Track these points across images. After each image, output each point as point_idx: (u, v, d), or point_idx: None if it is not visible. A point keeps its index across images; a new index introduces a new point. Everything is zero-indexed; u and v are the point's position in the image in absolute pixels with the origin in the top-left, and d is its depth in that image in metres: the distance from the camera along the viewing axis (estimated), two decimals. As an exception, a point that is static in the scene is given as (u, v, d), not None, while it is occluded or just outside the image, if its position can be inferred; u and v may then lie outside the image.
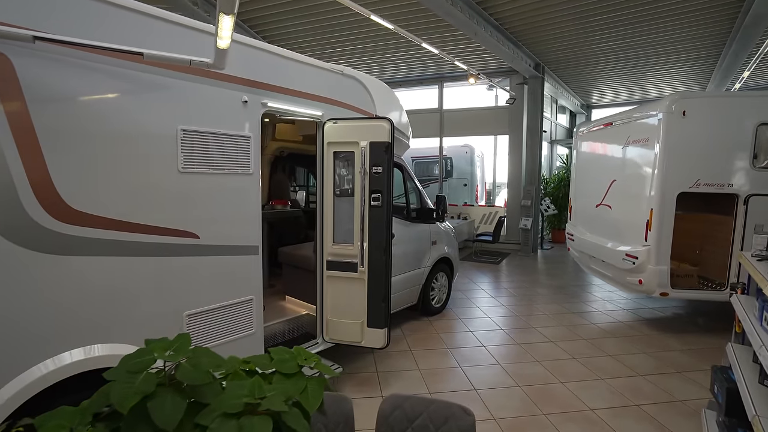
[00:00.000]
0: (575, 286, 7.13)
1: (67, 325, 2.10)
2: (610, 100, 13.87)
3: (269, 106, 2.96)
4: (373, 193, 3.37)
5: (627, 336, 4.94)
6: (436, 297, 5.56)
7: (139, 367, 0.94)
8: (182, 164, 2.47)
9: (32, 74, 1.92)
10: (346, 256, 3.50)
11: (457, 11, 6.05)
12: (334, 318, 3.58)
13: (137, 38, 2.22)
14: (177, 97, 2.42)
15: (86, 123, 2.11)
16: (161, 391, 0.92)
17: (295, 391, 1.05)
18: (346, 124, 3.42)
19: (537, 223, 10.19)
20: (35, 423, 0.87)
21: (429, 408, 1.53)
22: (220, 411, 0.92)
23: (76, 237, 2.10)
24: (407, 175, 5.01)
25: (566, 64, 9.89)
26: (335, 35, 8.17)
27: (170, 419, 0.88)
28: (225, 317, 2.80)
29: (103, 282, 2.21)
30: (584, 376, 3.88)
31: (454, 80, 10.82)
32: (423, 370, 3.99)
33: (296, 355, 1.17)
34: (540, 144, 9.97)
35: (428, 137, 11.63)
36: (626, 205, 5.30)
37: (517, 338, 4.83)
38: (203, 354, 1.04)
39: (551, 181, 11.73)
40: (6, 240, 1.90)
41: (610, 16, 6.93)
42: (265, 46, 2.98)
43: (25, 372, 1.95)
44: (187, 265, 2.54)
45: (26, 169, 1.93)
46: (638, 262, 4.82)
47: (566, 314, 5.68)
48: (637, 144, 5.11)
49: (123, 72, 2.18)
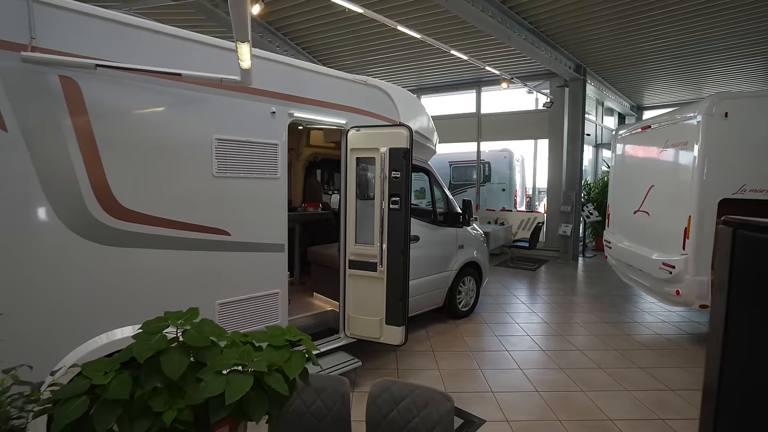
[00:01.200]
0: (614, 296, 6.86)
1: (118, 307, 2.45)
2: (663, 100, 13.09)
3: (295, 116, 3.23)
4: (393, 197, 3.55)
5: (663, 349, 4.73)
6: (463, 300, 5.61)
7: (156, 329, 1.19)
8: (216, 169, 2.79)
9: (94, 94, 2.30)
10: (367, 256, 3.69)
11: (488, 17, 6.11)
12: (355, 314, 3.79)
13: (179, 59, 2.57)
14: (212, 110, 2.75)
15: (136, 134, 2.47)
16: (171, 350, 1.15)
17: (280, 359, 1.25)
18: (367, 132, 3.63)
19: (578, 230, 9.86)
20: (81, 367, 1.13)
21: (413, 392, 1.67)
22: (214, 369, 1.14)
23: (127, 232, 2.46)
24: (434, 180, 5.13)
25: (611, 65, 9.53)
26: (371, 44, 8.46)
27: (176, 371, 1.10)
28: (252, 308, 3.09)
29: (148, 270, 2.56)
30: (608, 386, 3.80)
31: (491, 84, 10.77)
32: (442, 370, 4.08)
33: (286, 332, 1.37)
34: (581, 148, 9.67)
35: (466, 142, 11.64)
36: (664, 212, 5.09)
37: (543, 345, 4.79)
38: (207, 324, 1.27)
39: (595, 186, 11.29)
40: (73, 233, 2.29)
41: (657, 13, 6.65)
42: (291, 61, 3.26)
43: (85, 343, 2.32)
44: (219, 259, 2.86)
45: (89, 174, 2.30)
46: (675, 271, 4.61)
47: (599, 324, 5.52)
48: (676, 148, 4.90)
49: (165, 90, 2.53)
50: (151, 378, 1.11)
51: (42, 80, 2.14)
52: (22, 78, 2.08)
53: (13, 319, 2.00)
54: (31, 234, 2.16)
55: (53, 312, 2.23)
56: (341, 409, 1.80)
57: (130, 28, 2.43)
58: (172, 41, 2.59)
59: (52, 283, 2.22)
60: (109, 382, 1.07)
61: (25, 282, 2.14)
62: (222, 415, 1.07)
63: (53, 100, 2.18)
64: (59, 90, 2.19)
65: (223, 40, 2.80)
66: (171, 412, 1.07)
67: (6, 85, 2.02)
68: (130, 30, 2.43)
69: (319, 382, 1.84)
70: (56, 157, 2.20)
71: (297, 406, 1.81)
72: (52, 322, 2.23)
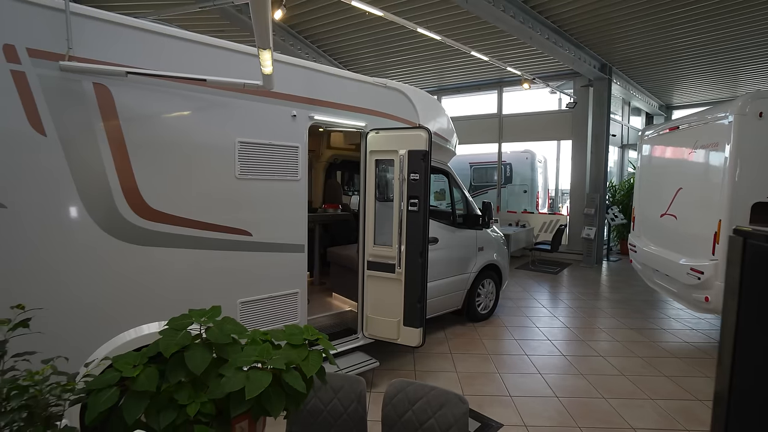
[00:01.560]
0: (639, 301, 6.67)
1: (145, 303, 2.56)
2: (695, 99, 12.60)
3: (316, 119, 3.29)
4: (411, 199, 3.56)
5: (691, 358, 4.57)
6: (482, 303, 5.57)
7: (181, 326, 1.24)
8: (239, 171, 2.87)
9: (125, 100, 2.41)
10: (385, 257, 3.72)
11: (509, 17, 6.05)
12: (373, 315, 3.82)
13: (203, 65, 2.66)
14: (235, 114, 2.83)
15: (162, 137, 2.57)
16: (195, 346, 1.21)
17: (298, 358, 1.29)
18: (386, 134, 3.66)
19: (602, 233, 9.62)
20: (112, 360, 1.20)
21: (429, 394, 1.69)
22: (235, 365, 1.18)
23: (153, 231, 2.57)
24: (453, 182, 5.12)
25: (638, 63, 9.27)
26: (392, 46, 8.50)
27: (199, 366, 1.16)
28: (273, 307, 3.16)
29: (174, 269, 2.65)
30: (631, 394, 3.70)
31: (513, 85, 10.64)
32: (460, 373, 4.07)
33: (304, 331, 1.41)
34: (606, 149, 9.42)
35: (487, 143, 11.53)
36: (693, 215, 4.92)
37: (563, 350, 4.70)
38: (228, 322, 1.32)
39: (621, 188, 10.99)
40: (104, 232, 2.40)
41: (690, 9, 6.44)
42: (312, 65, 3.32)
43: (115, 337, 2.43)
44: (241, 258, 2.94)
45: (119, 176, 2.41)
46: (704, 277, 4.45)
47: (623, 329, 5.38)
48: (706, 149, 4.73)
49: (191, 94, 2.63)
50: (176, 372, 1.17)
51: (77, 87, 2.26)
52: (59, 86, 2.20)
53: (50, 313, 2.12)
54: (66, 232, 2.28)
55: (86, 307, 2.35)
56: (358, 408, 1.83)
57: (158, 36, 2.54)
58: (196, 47, 2.68)
59: (84, 279, 2.34)
60: (137, 374, 1.13)
61: (60, 277, 2.26)
62: (242, 410, 1.12)
63: (87, 106, 2.30)
64: (93, 96, 2.31)
65: (245, 46, 2.88)
66: (194, 405, 1.12)
67: (45, 92, 2.15)
68: (158, 38, 2.54)
69: (337, 382, 1.87)
70: (89, 159, 2.32)
71: (314, 404, 1.85)
72: (85, 317, 2.34)
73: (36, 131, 2.14)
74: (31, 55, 2.10)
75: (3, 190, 2.07)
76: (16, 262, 2.12)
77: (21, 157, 2.11)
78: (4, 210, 2.08)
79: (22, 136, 2.11)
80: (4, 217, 2.08)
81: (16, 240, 2.12)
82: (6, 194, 2.08)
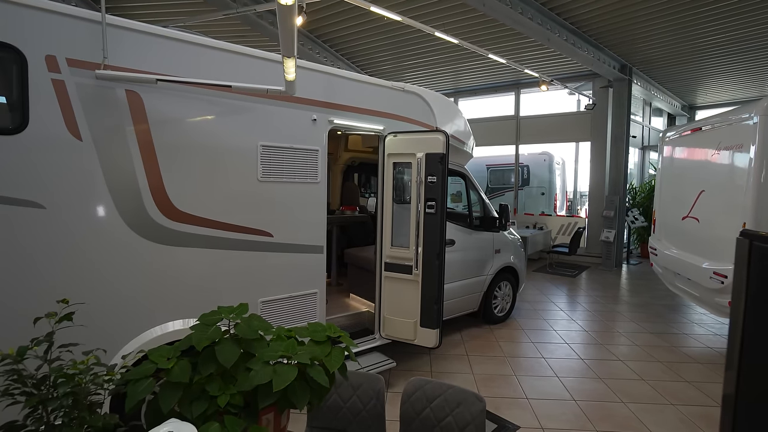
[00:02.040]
0: (660, 305, 6.53)
1: (170, 301, 2.66)
2: (719, 99, 12.25)
3: (335, 123, 3.36)
4: (428, 201, 3.60)
5: (714, 363, 4.47)
6: (498, 306, 5.55)
7: (212, 321, 1.31)
8: (261, 174, 2.96)
9: (154, 105, 2.52)
10: (403, 258, 3.76)
11: (527, 19, 6.02)
12: (390, 316, 3.86)
13: (228, 71, 2.76)
14: (258, 118, 2.93)
15: (189, 141, 2.68)
16: (224, 340, 1.27)
17: (321, 353, 1.34)
18: (404, 137, 3.71)
19: (621, 236, 9.45)
20: (148, 353, 1.28)
21: (446, 392, 1.72)
22: (262, 359, 1.25)
23: (179, 232, 2.67)
24: (470, 184, 5.12)
25: (659, 64, 9.09)
26: (409, 49, 8.55)
27: (229, 360, 1.22)
28: (293, 306, 3.23)
29: (198, 268, 2.75)
30: (651, 399, 3.65)
31: (530, 86, 10.55)
32: (477, 375, 4.07)
33: (327, 329, 1.46)
34: (626, 151, 9.26)
35: (504, 145, 11.46)
36: (716, 218, 4.81)
37: (581, 353, 4.65)
38: (255, 319, 1.38)
39: (641, 190, 10.77)
40: (133, 232, 2.51)
41: (713, 7, 6.30)
42: (331, 70, 3.40)
43: (142, 334, 2.53)
44: (262, 259, 3.02)
45: (148, 178, 2.52)
46: (728, 281, 4.35)
47: (643, 334, 5.29)
48: (730, 150, 4.63)
49: (216, 100, 2.73)
50: (208, 365, 1.24)
51: (111, 94, 2.38)
52: (94, 93, 2.32)
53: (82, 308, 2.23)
54: (98, 232, 2.39)
55: (113, 304, 2.46)
56: (376, 405, 1.88)
57: (185, 44, 2.64)
58: (221, 54, 2.78)
59: (112, 277, 2.45)
60: (171, 366, 1.21)
61: (90, 275, 2.38)
62: (269, 402, 1.18)
63: (120, 112, 2.41)
64: (125, 102, 2.42)
65: (267, 52, 2.97)
66: (224, 397, 1.18)
67: (82, 99, 2.27)
68: (185, 46, 2.64)
69: (356, 379, 1.92)
70: (121, 162, 2.43)
71: (334, 400, 1.91)
72: (111, 314, 2.45)
73: (73, 136, 2.26)
74: (70, 65, 2.22)
75: (42, 191, 2.20)
76: (52, 259, 2.24)
77: (59, 160, 2.23)
78: (43, 210, 2.20)
79: (60, 141, 2.23)
80: (43, 217, 2.21)
81: (52, 238, 2.24)
82: (45, 196, 2.21)
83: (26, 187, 2.15)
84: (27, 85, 2.13)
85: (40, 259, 2.21)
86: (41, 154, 2.18)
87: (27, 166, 2.15)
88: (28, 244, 2.17)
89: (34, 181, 2.17)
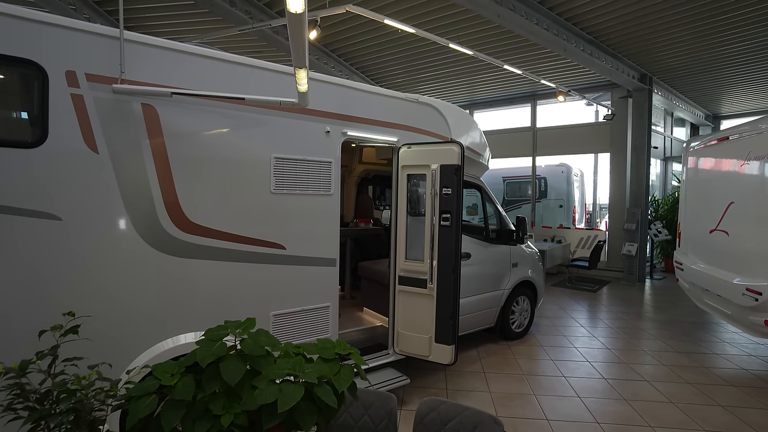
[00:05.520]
0: (687, 323, 6.24)
1: (182, 314, 2.64)
2: (746, 108, 11.84)
3: (349, 135, 3.35)
4: (443, 213, 3.53)
5: (751, 387, 4.20)
6: (516, 321, 5.39)
7: (217, 337, 1.27)
8: (273, 186, 2.95)
9: (169, 118, 2.54)
10: (417, 272, 3.68)
11: (543, 30, 5.97)
12: (404, 331, 3.77)
13: (241, 84, 2.78)
14: (271, 131, 2.93)
15: (203, 153, 2.69)
16: (230, 357, 1.23)
17: (330, 372, 1.28)
18: (418, 149, 3.67)
19: (644, 250, 9.14)
20: (152, 368, 1.24)
21: (461, 414, 1.63)
22: (268, 377, 1.19)
23: (192, 244, 2.67)
24: (486, 196, 5.04)
25: (681, 73, 8.88)
26: (423, 62, 8.57)
27: (234, 377, 1.18)
28: (305, 320, 3.18)
29: (210, 281, 2.74)
30: (681, 424, 3.44)
31: (547, 97, 10.44)
32: (494, 393, 3.93)
33: (336, 345, 1.41)
34: (647, 162, 9.01)
35: (520, 156, 11.32)
36: (747, 231, 4.58)
37: (604, 372, 4.45)
38: (262, 334, 1.34)
39: (664, 202, 10.45)
40: (147, 244, 2.52)
41: (736, 14, 6.14)
42: (345, 82, 3.40)
43: (154, 346, 2.52)
44: (274, 271, 2.99)
45: (162, 190, 2.54)
46: (762, 299, 4.12)
47: (670, 353, 5.04)
48: (761, 160, 4.43)
49: (230, 113, 2.75)
50: (212, 382, 1.19)
51: (127, 108, 2.41)
52: (111, 107, 2.36)
53: (95, 320, 2.23)
54: (114, 243, 2.41)
55: (128, 315, 2.45)
56: (388, 425, 1.80)
57: (199, 58, 2.68)
58: (235, 68, 2.81)
59: (127, 289, 2.45)
60: (175, 383, 1.17)
61: (106, 287, 2.38)
62: (274, 423, 1.12)
63: (136, 125, 2.45)
64: (141, 116, 2.46)
65: (280, 65, 2.99)
66: (228, 416, 1.14)
67: (99, 113, 2.31)
68: (199, 59, 2.68)
69: (367, 398, 1.85)
70: (136, 175, 2.46)
71: (344, 420, 1.83)
72: (126, 325, 2.45)
73: (90, 149, 2.29)
74: (88, 80, 2.27)
75: (60, 203, 2.22)
76: (66, 270, 2.26)
77: (76, 173, 2.27)
78: (60, 222, 2.23)
79: (77, 154, 2.26)
80: (59, 229, 2.23)
81: (68, 250, 2.26)
82: (62, 208, 2.23)
83: (44, 199, 2.19)
84: (47, 100, 2.17)
85: (55, 270, 2.22)
86: (59, 167, 2.22)
87: (45, 179, 2.19)
88: (44, 255, 2.19)
89: (52, 193, 2.21)
